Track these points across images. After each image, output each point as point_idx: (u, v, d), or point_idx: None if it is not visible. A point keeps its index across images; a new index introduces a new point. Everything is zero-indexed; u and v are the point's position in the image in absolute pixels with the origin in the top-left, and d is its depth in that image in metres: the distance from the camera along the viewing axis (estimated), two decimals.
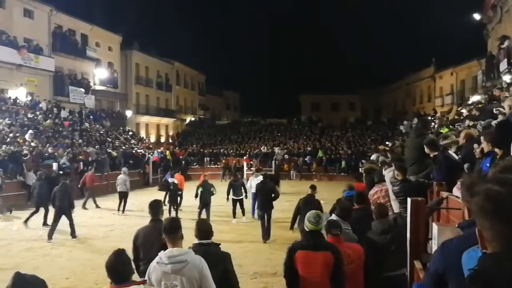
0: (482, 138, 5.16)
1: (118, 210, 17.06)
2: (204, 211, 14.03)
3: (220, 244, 4.25)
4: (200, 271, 3.49)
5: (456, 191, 4.90)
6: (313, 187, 10.68)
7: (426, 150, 6.32)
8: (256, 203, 12.74)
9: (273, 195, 12.06)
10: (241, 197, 15.05)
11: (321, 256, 4.32)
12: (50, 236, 12.02)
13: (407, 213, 4.82)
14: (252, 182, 15.65)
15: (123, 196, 16.93)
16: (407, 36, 73.77)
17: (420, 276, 3.62)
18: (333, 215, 5.76)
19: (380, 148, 23.45)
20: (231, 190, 15.12)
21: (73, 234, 12.37)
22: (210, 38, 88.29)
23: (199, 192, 14.56)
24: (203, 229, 4.21)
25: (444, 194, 5.29)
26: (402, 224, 5.05)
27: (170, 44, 79.94)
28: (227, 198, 15.26)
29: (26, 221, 13.90)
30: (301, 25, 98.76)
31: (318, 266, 4.31)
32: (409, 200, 4.34)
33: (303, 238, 4.62)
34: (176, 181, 16.32)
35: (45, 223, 13.69)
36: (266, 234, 11.66)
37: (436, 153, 6.19)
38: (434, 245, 2.62)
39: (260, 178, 15.48)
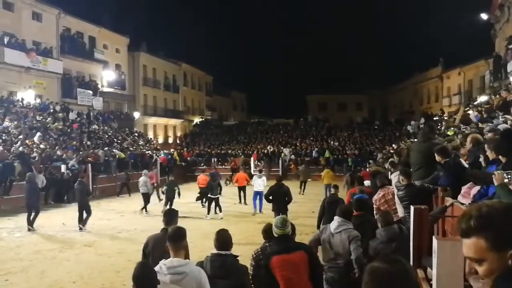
0: (486, 146, 5.15)
1: (145, 210, 17.37)
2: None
3: (238, 256, 4.27)
4: (199, 283, 3.52)
5: (461, 198, 4.90)
6: (335, 187, 10.80)
7: (437, 157, 6.27)
8: (261, 203, 13.09)
9: (286, 198, 12.30)
10: (217, 196, 16.38)
11: (295, 256, 4.42)
12: (84, 226, 13.92)
13: (410, 219, 4.84)
14: (256, 182, 17.24)
15: (146, 197, 17.47)
16: (414, 36, 73.45)
17: (423, 286, 3.63)
18: (336, 216, 5.75)
19: (388, 149, 23.44)
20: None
21: (83, 224, 13.92)
22: (217, 38, 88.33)
23: (163, 190, 16.74)
24: (222, 240, 4.23)
25: (449, 200, 5.28)
26: (407, 232, 5.06)
27: (177, 45, 80.00)
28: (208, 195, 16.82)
29: (30, 227, 13.93)
30: (308, 25, 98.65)
31: (295, 267, 4.39)
32: (412, 208, 4.34)
33: (273, 244, 4.69)
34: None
35: (30, 226, 13.88)
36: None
37: (447, 159, 6.14)
38: (434, 259, 2.63)
39: (264, 178, 17.75)
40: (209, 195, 16.49)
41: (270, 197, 12.33)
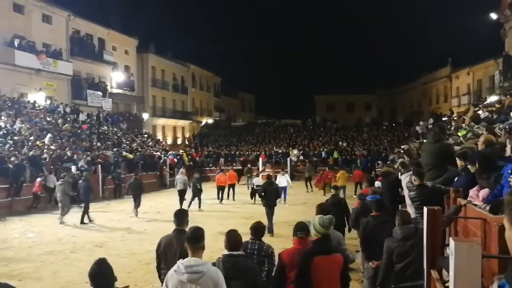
0: (508, 141, 5.13)
1: (181, 206, 18.16)
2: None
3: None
4: (216, 283, 3.54)
5: (471, 200, 4.88)
6: (336, 187, 10.93)
7: (458, 162, 6.24)
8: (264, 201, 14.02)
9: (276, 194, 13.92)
10: (184, 189, 18.95)
11: (334, 259, 4.39)
12: (136, 214, 16.78)
13: (423, 219, 4.82)
14: (280, 179, 20.27)
15: (182, 194, 18.92)
16: (423, 36, 73.18)
17: (437, 286, 3.62)
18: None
19: (400, 150, 23.33)
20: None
21: (136, 214, 16.83)
22: (225, 39, 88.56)
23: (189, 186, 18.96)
24: (233, 240, 4.23)
25: (462, 201, 5.25)
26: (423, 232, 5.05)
27: (185, 47, 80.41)
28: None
29: (82, 221, 15.42)
30: (317, 26, 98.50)
31: (332, 270, 4.36)
32: (425, 209, 4.33)
33: (315, 244, 4.55)
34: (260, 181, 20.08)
35: (82, 221, 15.47)
36: (270, 228, 12.60)
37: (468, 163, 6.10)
38: (451, 261, 2.62)
39: (286, 176, 20.77)
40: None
41: (263, 194, 13.52)
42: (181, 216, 5.34)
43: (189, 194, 18.80)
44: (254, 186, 19.99)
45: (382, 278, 5.32)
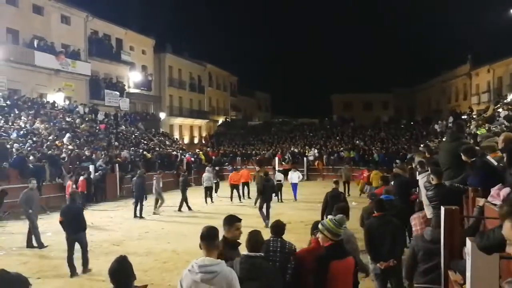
0: None
1: (206, 202, 19.91)
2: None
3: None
4: (229, 283, 3.53)
5: (491, 199, 4.78)
6: (336, 182, 11.41)
7: (464, 158, 6.14)
8: (259, 196, 15.26)
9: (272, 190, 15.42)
10: (211, 185, 20.61)
11: (348, 262, 4.30)
12: (189, 208, 18.10)
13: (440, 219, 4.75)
14: (292, 175, 21.51)
15: (209, 190, 20.20)
16: (442, 33, 72.25)
17: (454, 287, 3.55)
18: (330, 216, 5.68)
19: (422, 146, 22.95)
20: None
21: (186, 208, 18.02)
22: (241, 39, 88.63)
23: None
24: (254, 240, 4.21)
25: (480, 201, 5.16)
26: None
27: (202, 46, 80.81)
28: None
29: (135, 215, 16.61)
30: (333, 25, 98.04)
31: (346, 274, 4.28)
32: (442, 208, 4.26)
33: (330, 248, 4.36)
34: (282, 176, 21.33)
35: (136, 215, 16.64)
36: (267, 220, 13.69)
37: (474, 159, 6.01)
38: (468, 261, 2.57)
39: (298, 173, 21.86)
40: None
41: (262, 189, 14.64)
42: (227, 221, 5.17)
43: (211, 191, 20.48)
44: (275, 182, 19.86)
45: (406, 273, 5.41)
